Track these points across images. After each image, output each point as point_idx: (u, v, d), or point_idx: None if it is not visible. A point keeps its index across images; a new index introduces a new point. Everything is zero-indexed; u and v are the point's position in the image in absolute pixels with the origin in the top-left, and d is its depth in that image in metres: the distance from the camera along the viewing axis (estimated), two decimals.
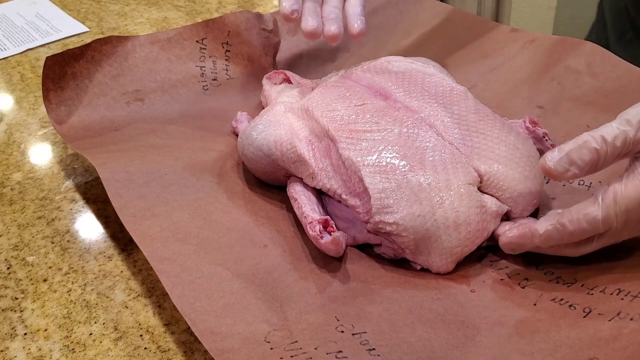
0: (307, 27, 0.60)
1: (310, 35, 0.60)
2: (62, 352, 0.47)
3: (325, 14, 0.61)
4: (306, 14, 0.61)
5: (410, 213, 0.48)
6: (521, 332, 0.43)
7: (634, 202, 0.42)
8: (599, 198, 0.43)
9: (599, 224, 0.43)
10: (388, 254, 0.50)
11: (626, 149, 0.43)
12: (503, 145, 0.52)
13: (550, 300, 0.45)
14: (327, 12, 0.61)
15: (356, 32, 0.61)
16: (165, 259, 0.48)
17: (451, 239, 0.48)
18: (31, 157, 0.67)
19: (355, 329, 0.44)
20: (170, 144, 0.63)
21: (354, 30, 0.61)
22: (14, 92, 0.78)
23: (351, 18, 0.62)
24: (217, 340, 0.42)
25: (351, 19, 0.62)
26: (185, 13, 0.95)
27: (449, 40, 0.75)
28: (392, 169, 0.49)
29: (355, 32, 0.61)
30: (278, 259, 0.50)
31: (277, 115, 0.57)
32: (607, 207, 0.43)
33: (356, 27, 0.61)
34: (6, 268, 0.54)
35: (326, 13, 0.61)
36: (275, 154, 0.55)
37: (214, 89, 0.72)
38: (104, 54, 0.68)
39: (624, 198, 0.42)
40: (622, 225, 0.43)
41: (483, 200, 0.49)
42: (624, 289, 0.44)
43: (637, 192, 0.42)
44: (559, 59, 0.65)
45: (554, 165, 0.44)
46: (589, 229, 0.44)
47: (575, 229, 0.44)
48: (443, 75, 0.59)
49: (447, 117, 0.53)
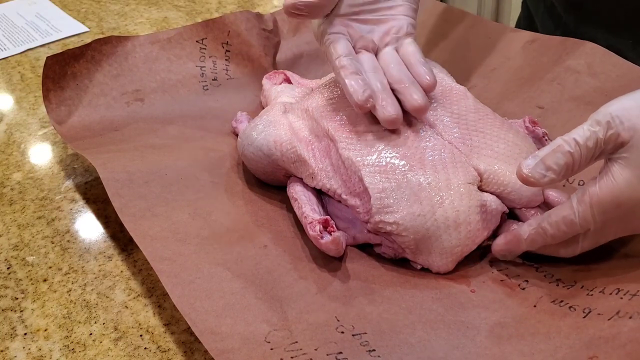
0: (387, 116, 0.50)
1: (392, 124, 0.51)
2: (62, 352, 0.47)
3: (394, 82, 0.52)
4: (379, 97, 0.51)
5: (411, 213, 0.48)
6: (521, 333, 0.43)
7: (608, 202, 0.42)
8: (574, 201, 0.44)
9: (576, 226, 0.44)
10: (388, 253, 0.50)
11: (598, 150, 0.43)
12: (502, 143, 0.52)
13: (550, 302, 0.45)
14: (396, 78, 0.52)
15: (428, 86, 0.52)
16: (165, 259, 0.48)
17: (451, 239, 0.48)
18: (31, 157, 0.67)
19: (355, 330, 0.44)
20: (170, 144, 0.63)
21: (426, 83, 0.52)
22: (14, 92, 0.78)
23: (418, 70, 0.53)
24: (217, 340, 0.42)
25: (418, 71, 0.53)
26: (185, 13, 0.95)
27: (449, 40, 0.75)
28: (392, 168, 0.49)
29: (427, 86, 0.52)
30: (278, 259, 0.50)
31: (277, 115, 0.57)
32: (582, 209, 0.43)
33: (428, 81, 0.52)
34: (6, 268, 0.54)
35: (395, 79, 0.52)
36: (275, 154, 0.55)
37: (214, 89, 0.72)
38: (104, 54, 0.68)
39: (598, 200, 0.43)
40: (601, 225, 0.44)
41: (483, 199, 0.49)
42: (622, 289, 0.44)
43: (610, 192, 0.42)
44: (559, 59, 0.65)
45: (529, 172, 0.44)
46: (568, 230, 0.45)
47: (555, 232, 0.45)
48: (443, 75, 0.59)
49: (446, 117, 0.53)
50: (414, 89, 0.51)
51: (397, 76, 0.52)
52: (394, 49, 0.55)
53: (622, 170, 0.42)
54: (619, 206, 0.42)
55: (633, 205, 0.42)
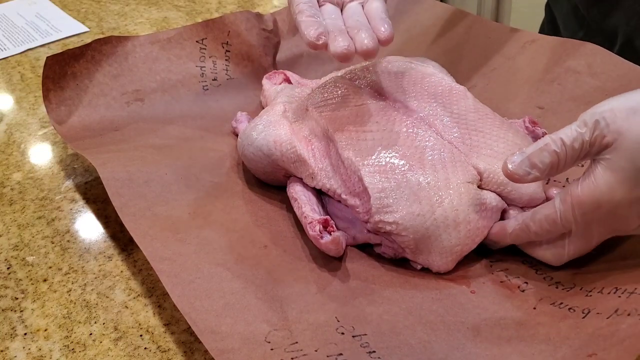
0: (337, 48, 0.50)
1: (343, 58, 0.51)
2: (62, 352, 0.47)
3: (350, 27, 0.53)
4: (332, 34, 0.51)
5: (410, 212, 0.48)
6: (521, 335, 0.43)
7: (589, 203, 0.43)
8: (557, 200, 0.44)
9: (558, 225, 0.45)
10: (388, 253, 0.50)
11: (584, 151, 0.43)
12: (502, 142, 0.52)
13: (550, 304, 0.45)
14: (351, 24, 0.53)
15: (384, 38, 0.53)
16: (165, 259, 0.48)
17: (451, 238, 0.48)
18: (31, 157, 0.67)
19: (355, 331, 0.44)
20: (170, 144, 0.63)
21: (381, 35, 0.52)
22: (14, 92, 0.78)
23: (376, 23, 0.53)
24: (217, 340, 0.42)
25: (376, 23, 0.53)
26: (185, 13, 0.95)
27: (449, 40, 0.75)
28: (391, 168, 0.49)
29: (383, 38, 0.53)
30: (278, 259, 0.50)
31: (277, 115, 0.57)
32: (564, 209, 0.44)
33: (383, 32, 0.52)
34: (6, 268, 0.54)
35: (351, 25, 0.53)
36: (275, 154, 0.55)
37: (214, 89, 0.72)
38: (104, 54, 0.68)
39: (579, 200, 0.43)
40: (583, 227, 0.44)
41: (482, 197, 0.49)
42: (620, 287, 0.45)
43: (590, 194, 0.42)
44: (560, 59, 0.65)
45: (514, 168, 0.44)
46: (550, 229, 0.45)
47: (537, 229, 0.46)
48: (442, 75, 0.59)
49: (446, 117, 0.53)
50: (367, 34, 0.51)
51: (354, 24, 0.52)
52: (360, 4, 0.55)
53: (603, 172, 0.42)
54: (599, 207, 0.43)
55: (613, 207, 0.42)
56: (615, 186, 0.42)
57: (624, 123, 0.41)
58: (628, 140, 0.41)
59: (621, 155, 0.41)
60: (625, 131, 0.41)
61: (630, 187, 0.41)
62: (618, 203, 0.42)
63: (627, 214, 0.42)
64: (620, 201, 0.42)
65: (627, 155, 0.41)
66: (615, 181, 0.42)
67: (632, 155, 0.41)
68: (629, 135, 0.41)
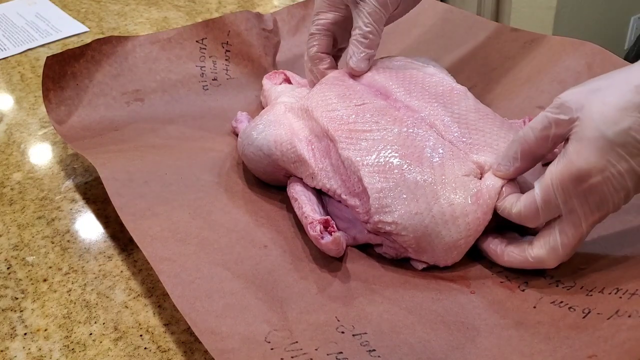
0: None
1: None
2: (62, 352, 0.47)
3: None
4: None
5: (408, 211, 0.48)
6: (521, 334, 0.43)
7: (565, 177, 0.43)
8: (537, 182, 0.46)
9: (536, 206, 0.45)
10: (390, 253, 0.50)
11: (553, 130, 0.45)
12: (502, 142, 0.52)
13: (550, 303, 0.45)
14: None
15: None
16: (165, 259, 0.48)
17: (452, 233, 0.48)
18: (31, 157, 0.67)
19: (355, 330, 0.44)
20: (170, 144, 0.63)
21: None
22: (14, 92, 0.78)
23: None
24: (217, 340, 0.42)
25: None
26: (185, 13, 0.95)
27: (449, 40, 0.75)
28: (390, 168, 0.49)
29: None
30: (278, 259, 0.50)
31: (277, 115, 0.57)
32: (545, 186, 0.45)
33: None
34: (6, 268, 0.54)
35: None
36: (275, 154, 0.55)
37: (214, 89, 0.72)
38: (104, 53, 0.68)
39: (555, 176, 0.44)
40: (567, 209, 0.44)
41: (478, 185, 0.49)
42: (621, 288, 0.44)
43: (565, 167, 0.43)
44: (559, 59, 0.65)
45: (497, 167, 0.49)
46: (529, 214, 0.46)
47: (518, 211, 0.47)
48: (443, 75, 0.59)
49: (447, 117, 0.53)
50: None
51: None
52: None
53: (573, 145, 0.43)
54: (575, 180, 0.43)
55: (588, 177, 0.42)
56: (585, 154, 0.42)
57: (585, 100, 0.43)
58: (590, 111, 0.43)
59: (586, 125, 0.43)
60: (587, 105, 0.43)
61: (599, 155, 0.42)
62: (590, 171, 0.42)
63: (602, 186, 0.43)
64: (592, 169, 0.42)
65: (591, 125, 0.42)
66: (583, 149, 0.42)
67: (595, 124, 0.42)
68: (591, 107, 0.43)
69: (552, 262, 0.46)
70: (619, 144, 0.41)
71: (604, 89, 0.43)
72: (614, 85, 0.43)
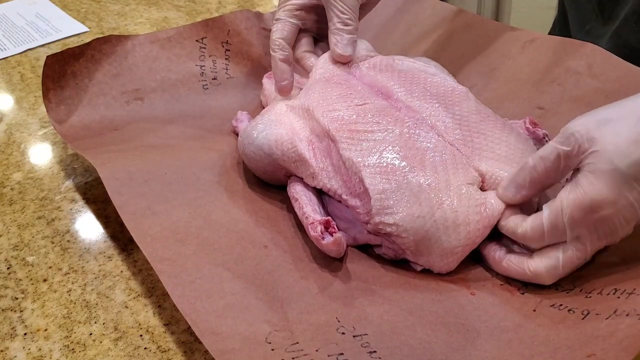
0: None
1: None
2: (62, 352, 0.46)
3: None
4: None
5: (410, 214, 0.48)
6: (521, 337, 0.43)
7: (575, 206, 0.44)
8: (546, 208, 0.46)
9: (543, 231, 0.45)
10: (389, 254, 0.50)
11: (563, 162, 0.45)
12: (504, 146, 0.52)
13: (550, 306, 0.45)
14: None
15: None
16: (165, 259, 0.48)
17: (451, 240, 0.48)
18: (31, 157, 0.67)
19: (356, 331, 0.44)
20: (170, 144, 0.63)
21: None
22: (14, 92, 0.78)
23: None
24: (218, 340, 0.42)
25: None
26: (185, 13, 0.95)
27: (449, 40, 0.74)
28: (392, 169, 0.49)
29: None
30: (278, 259, 0.50)
31: (277, 114, 0.57)
32: (555, 212, 0.45)
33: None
34: (6, 268, 0.54)
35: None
36: (275, 154, 0.55)
37: (214, 88, 0.72)
38: (104, 53, 0.68)
39: (566, 204, 0.44)
40: (574, 234, 0.44)
41: (483, 198, 0.49)
42: (619, 288, 0.45)
43: (576, 197, 0.43)
44: (560, 59, 0.65)
45: (503, 191, 0.48)
46: (536, 237, 0.46)
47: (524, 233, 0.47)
48: (444, 76, 0.59)
49: (448, 118, 0.53)
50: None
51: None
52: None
53: (586, 176, 0.44)
54: (585, 210, 0.43)
55: (599, 208, 0.43)
56: (597, 186, 0.43)
57: (597, 131, 0.43)
58: (603, 144, 0.43)
59: (599, 158, 0.43)
60: (599, 137, 0.43)
61: (613, 187, 0.42)
62: (603, 203, 0.43)
63: (613, 217, 0.43)
64: (605, 201, 0.43)
65: (604, 158, 0.43)
66: (597, 182, 0.43)
67: (609, 157, 0.42)
68: (603, 139, 0.43)
69: (550, 280, 0.47)
70: (632, 176, 0.42)
71: (615, 120, 0.43)
72: (625, 117, 0.43)
